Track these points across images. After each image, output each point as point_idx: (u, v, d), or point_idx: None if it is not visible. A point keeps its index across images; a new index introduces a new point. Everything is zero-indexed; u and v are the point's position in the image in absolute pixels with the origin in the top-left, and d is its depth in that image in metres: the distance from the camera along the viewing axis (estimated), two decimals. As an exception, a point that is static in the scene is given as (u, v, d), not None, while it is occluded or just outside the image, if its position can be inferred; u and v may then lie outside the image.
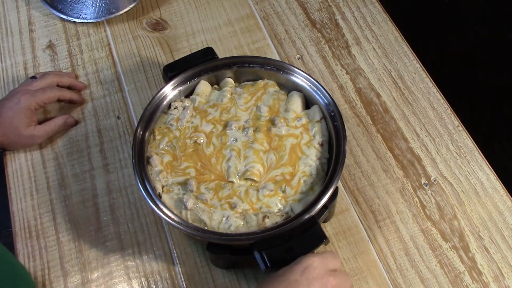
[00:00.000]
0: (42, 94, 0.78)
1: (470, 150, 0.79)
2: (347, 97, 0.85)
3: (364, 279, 0.69)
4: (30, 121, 0.77)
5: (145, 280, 0.71)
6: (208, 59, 0.75)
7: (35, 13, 0.96)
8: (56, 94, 0.80)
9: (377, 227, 0.73)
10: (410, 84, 0.85)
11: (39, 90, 0.79)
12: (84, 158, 0.80)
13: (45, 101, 0.78)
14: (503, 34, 1.66)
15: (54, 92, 0.80)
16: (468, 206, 0.74)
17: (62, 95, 0.81)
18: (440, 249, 0.71)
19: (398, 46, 0.90)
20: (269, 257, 0.59)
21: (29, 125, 0.77)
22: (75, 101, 0.84)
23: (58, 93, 0.80)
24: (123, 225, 0.74)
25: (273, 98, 0.74)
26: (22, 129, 0.77)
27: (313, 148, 0.69)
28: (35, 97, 0.77)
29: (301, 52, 0.90)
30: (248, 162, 0.68)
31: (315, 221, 0.62)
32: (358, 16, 0.94)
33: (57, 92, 0.80)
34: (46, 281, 0.71)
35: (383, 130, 0.81)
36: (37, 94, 0.77)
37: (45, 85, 0.80)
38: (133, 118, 0.84)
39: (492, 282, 0.69)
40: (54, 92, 0.80)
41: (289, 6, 0.96)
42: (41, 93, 0.78)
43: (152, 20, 0.95)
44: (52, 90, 0.80)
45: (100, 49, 0.92)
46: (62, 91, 0.82)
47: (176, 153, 0.70)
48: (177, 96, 0.75)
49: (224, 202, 0.66)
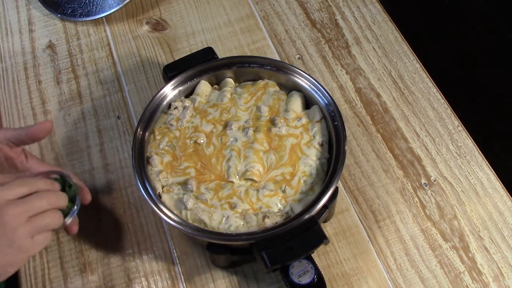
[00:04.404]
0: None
1: (470, 150, 0.79)
2: (347, 97, 0.85)
3: (364, 279, 0.69)
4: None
5: (145, 280, 0.71)
6: (208, 59, 0.75)
7: (35, 13, 0.96)
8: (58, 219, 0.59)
9: (377, 227, 0.73)
10: (410, 84, 0.85)
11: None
12: (84, 158, 0.80)
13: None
14: (503, 34, 1.66)
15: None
16: (468, 206, 0.74)
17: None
18: (440, 249, 0.71)
19: (398, 46, 0.90)
20: (269, 257, 0.59)
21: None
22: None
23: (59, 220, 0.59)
24: (123, 225, 0.74)
25: (273, 98, 0.74)
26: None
27: (313, 148, 0.69)
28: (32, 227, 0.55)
29: (301, 52, 0.90)
30: (248, 162, 0.68)
31: (315, 221, 0.62)
32: (358, 16, 0.94)
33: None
34: (46, 281, 0.71)
35: (383, 130, 0.81)
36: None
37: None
38: (133, 118, 0.84)
39: (492, 282, 0.69)
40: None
41: (289, 6, 0.96)
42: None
43: (152, 20, 0.95)
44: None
45: (100, 49, 0.92)
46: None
47: (176, 153, 0.70)
48: (177, 96, 0.75)
49: (224, 202, 0.66)
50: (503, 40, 1.65)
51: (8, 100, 0.87)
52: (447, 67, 1.56)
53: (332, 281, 0.69)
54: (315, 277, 0.60)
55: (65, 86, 0.88)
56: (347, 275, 0.70)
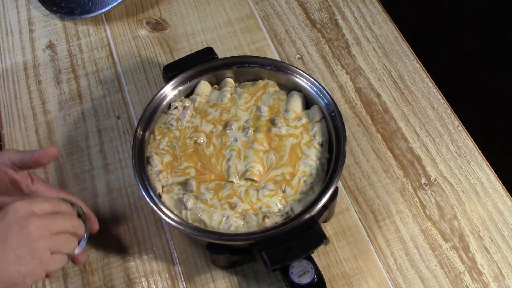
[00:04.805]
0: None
1: (470, 150, 0.79)
2: (347, 97, 0.85)
3: (364, 279, 0.69)
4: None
5: (145, 280, 0.71)
6: (208, 59, 0.75)
7: (35, 13, 0.96)
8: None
9: (377, 227, 0.73)
10: (410, 84, 0.85)
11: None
12: (84, 158, 0.80)
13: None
14: (503, 34, 1.66)
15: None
16: (468, 206, 0.74)
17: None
18: (440, 249, 0.71)
19: (398, 46, 0.90)
20: (269, 257, 0.59)
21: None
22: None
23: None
24: (123, 225, 0.74)
25: (273, 98, 0.74)
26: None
27: (313, 148, 0.69)
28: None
29: (301, 52, 0.90)
30: (248, 162, 0.68)
31: (315, 221, 0.62)
32: (358, 16, 0.94)
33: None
34: (46, 281, 0.71)
35: (383, 130, 0.81)
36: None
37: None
38: (133, 118, 0.84)
39: (492, 282, 0.69)
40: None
41: (289, 6, 0.96)
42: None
43: (152, 20, 0.95)
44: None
45: (100, 49, 0.92)
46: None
47: (176, 153, 0.70)
48: (177, 96, 0.75)
49: (224, 202, 0.66)
50: (503, 40, 1.65)
51: (8, 100, 0.87)
52: (447, 67, 1.56)
53: (332, 281, 0.69)
54: (315, 277, 0.60)
55: (65, 86, 0.88)
56: (347, 275, 0.70)
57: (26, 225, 0.53)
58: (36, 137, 0.83)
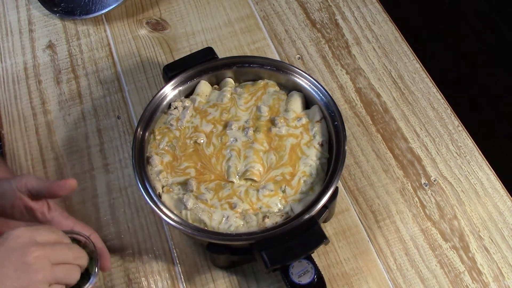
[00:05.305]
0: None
1: (470, 150, 0.79)
2: (347, 97, 0.85)
3: (364, 279, 0.69)
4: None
5: (145, 280, 0.71)
6: (208, 59, 0.75)
7: (35, 13, 0.96)
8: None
9: (377, 227, 0.73)
10: (410, 84, 0.85)
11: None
12: (84, 158, 0.80)
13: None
14: (503, 34, 1.66)
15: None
16: (468, 206, 0.74)
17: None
18: (440, 249, 0.71)
19: (398, 46, 0.90)
20: (269, 257, 0.59)
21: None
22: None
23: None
24: (123, 225, 0.74)
25: (273, 98, 0.74)
26: None
27: (313, 148, 0.69)
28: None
29: (301, 52, 0.90)
30: (248, 162, 0.68)
31: (315, 221, 0.62)
32: (358, 16, 0.94)
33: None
34: (46, 281, 0.71)
35: (383, 130, 0.81)
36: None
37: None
38: (133, 118, 0.84)
39: (492, 282, 0.69)
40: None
41: (289, 6, 0.96)
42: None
43: (152, 20, 0.95)
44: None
45: (100, 49, 0.92)
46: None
47: (176, 153, 0.70)
48: (177, 96, 0.75)
49: (224, 202, 0.66)
50: (503, 40, 1.65)
51: (8, 100, 0.87)
52: (447, 67, 1.56)
53: (332, 281, 0.69)
54: (315, 277, 0.60)
55: (65, 86, 0.88)
56: (347, 275, 0.70)
57: (26, 254, 0.50)
58: (36, 137, 0.83)
